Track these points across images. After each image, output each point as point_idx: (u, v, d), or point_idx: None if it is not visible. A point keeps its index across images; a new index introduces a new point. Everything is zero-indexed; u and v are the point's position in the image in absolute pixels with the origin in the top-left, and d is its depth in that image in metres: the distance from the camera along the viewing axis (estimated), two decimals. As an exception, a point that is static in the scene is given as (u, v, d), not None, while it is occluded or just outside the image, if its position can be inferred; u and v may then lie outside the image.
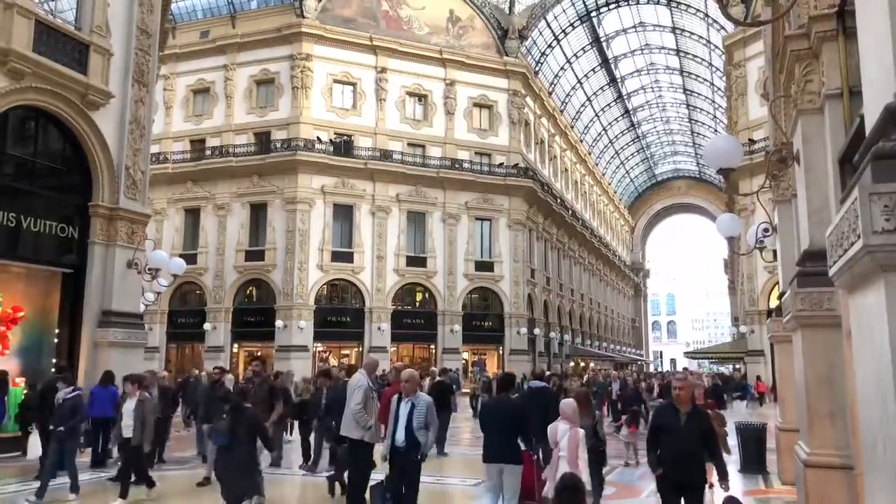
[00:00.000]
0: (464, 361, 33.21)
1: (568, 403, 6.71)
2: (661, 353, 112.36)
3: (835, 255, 4.20)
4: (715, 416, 8.14)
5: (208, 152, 34.25)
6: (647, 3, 43.33)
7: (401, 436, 6.79)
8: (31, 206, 12.73)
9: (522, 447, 6.93)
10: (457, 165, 35.76)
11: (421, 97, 36.69)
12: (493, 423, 6.84)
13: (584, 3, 43.03)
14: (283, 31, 34.08)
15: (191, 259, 29.87)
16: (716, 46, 41.57)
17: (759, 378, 30.59)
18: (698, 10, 41.36)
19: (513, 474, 6.66)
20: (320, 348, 33.10)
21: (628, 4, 43.94)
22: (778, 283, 12.72)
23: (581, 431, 6.46)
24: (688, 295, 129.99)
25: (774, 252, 10.88)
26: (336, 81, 34.68)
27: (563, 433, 6.36)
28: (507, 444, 6.70)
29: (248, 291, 33.83)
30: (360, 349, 32.79)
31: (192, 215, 34.32)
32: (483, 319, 36.34)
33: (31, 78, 12.06)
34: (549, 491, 6.24)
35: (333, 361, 32.27)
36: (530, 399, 8.87)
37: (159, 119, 31.90)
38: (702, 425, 5.71)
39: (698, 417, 5.76)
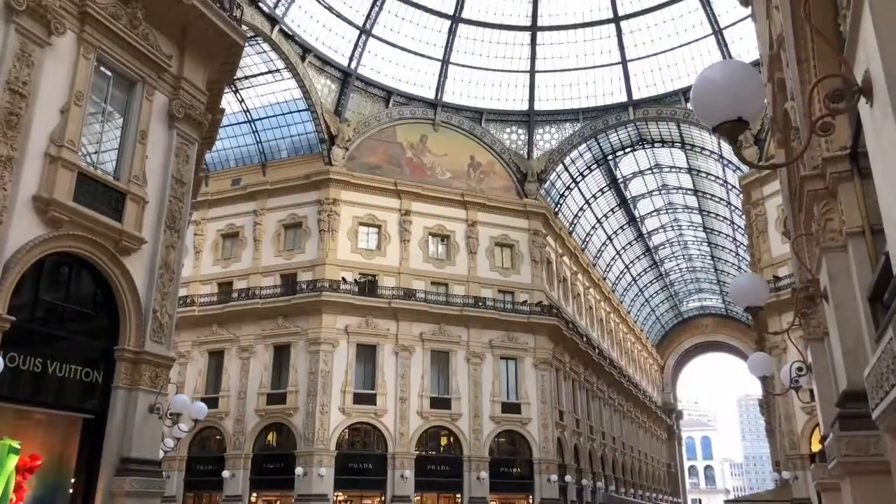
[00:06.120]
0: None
1: None
2: (699, 500, 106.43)
3: (876, 397, 4.01)
4: None
5: (235, 294, 34.73)
6: (662, 146, 44.85)
7: None
8: (57, 351, 12.75)
9: None
10: (480, 303, 35.83)
11: (444, 237, 37.48)
12: None
13: (600, 147, 44.65)
14: (312, 178, 35.55)
15: (212, 403, 29.51)
16: (733, 186, 42.44)
17: None
18: (712, 153, 42.66)
19: None
20: (341, 497, 31.75)
21: (643, 148, 45.51)
22: (818, 424, 12.15)
23: None
24: (724, 438, 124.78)
25: (811, 392, 10.48)
26: (361, 224, 35.68)
27: None
28: None
29: (268, 436, 33.05)
30: (383, 498, 31.40)
31: (216, 357, 34.29)
32: (511, 465, 34.84)
33: (68, 226, 12.47)
34: None
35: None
36: None
37: (188, 263, 32.74)
38: None
39: None
